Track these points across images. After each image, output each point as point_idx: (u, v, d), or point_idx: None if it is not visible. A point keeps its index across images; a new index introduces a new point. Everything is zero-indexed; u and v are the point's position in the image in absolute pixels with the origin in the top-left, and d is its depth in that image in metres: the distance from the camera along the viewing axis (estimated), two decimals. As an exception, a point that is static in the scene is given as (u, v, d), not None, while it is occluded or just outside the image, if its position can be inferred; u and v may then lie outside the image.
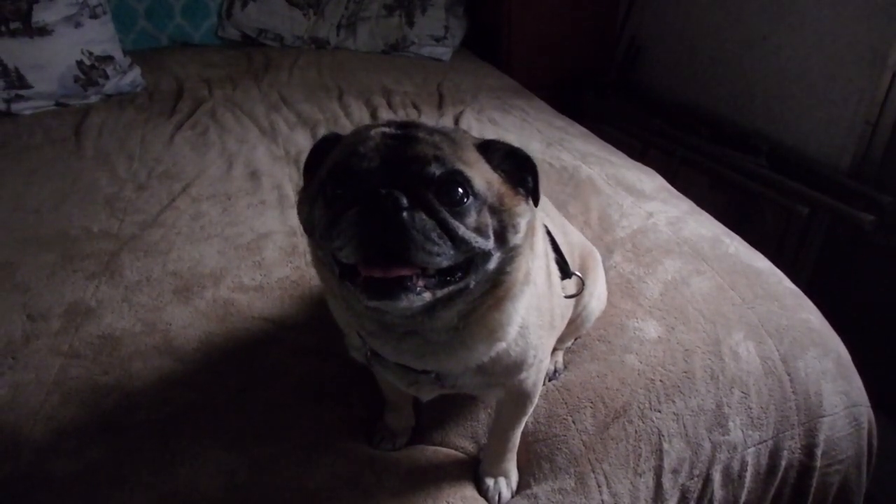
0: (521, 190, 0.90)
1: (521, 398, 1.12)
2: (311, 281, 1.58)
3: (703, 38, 3.12)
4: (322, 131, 2.38)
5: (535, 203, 0.91)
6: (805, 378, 1.42)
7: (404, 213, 0.75)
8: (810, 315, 1.57)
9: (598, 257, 1.47)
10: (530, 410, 1.16)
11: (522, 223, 0.86)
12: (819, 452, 1.40)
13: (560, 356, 1.41)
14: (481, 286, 0.87)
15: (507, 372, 1.02)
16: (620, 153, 2.37)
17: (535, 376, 1.09)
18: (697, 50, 3.14)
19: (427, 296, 0.79)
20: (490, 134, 2.40)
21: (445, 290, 0.81)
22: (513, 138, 2.33)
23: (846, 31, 2.45)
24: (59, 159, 2.14)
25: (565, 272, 1.15)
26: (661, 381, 1.33)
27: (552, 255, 1.13)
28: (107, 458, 1.14)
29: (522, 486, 1.22)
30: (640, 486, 1.22)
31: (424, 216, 0.77)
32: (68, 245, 1.69)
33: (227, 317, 1.47)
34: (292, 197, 1.96)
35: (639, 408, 1.29)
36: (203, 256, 1.66)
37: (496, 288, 0.89)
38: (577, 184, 2.06)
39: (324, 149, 0.92)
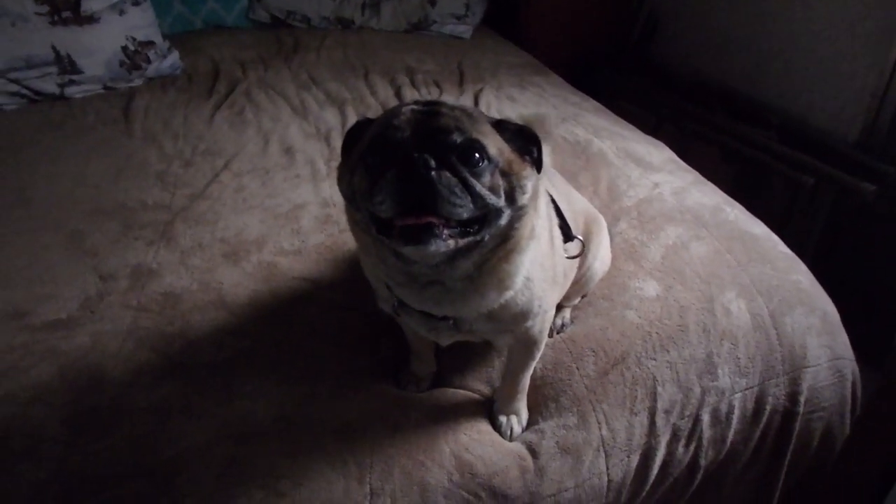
0: (528, 158, 1.05)
1: (528, 344, 1.28)
2: (343, 246, 1.75)
3: (718, 13, 3.21)
4: (349, 109, 2.54)
5: (539, 170, 1.07)
6: (791, 332, 1.57)
7: (433, 173, 0.91)
8: (801, 276, 1.70)
9: (603, 223, 1.62)
10: (537, 356, 1.32)
11: (529, 185, 1.02)
12: (802, 399, 1.54)
13: (567, 312, 1.57)
14: (494, 239, 1.03)
15: (515, 319, 1.18)
16: (632, 127, 2.49)
17: (540, 324, 1.25)
18: (712, 25, 3.23)
19: (451, 243, 0.95)
20: (508, 110, 2.55)
21: (465, 241, 0.98)
22: (529, 114, 2.49)
23: (857, 5, 2.54)
24: (111, 138, 2.31)
25: (567, 235, 1.31)
26: (657, 333, 1.49)
27: (555, 220, 1.28)
28: (176, 392, 1.33)
29: (531, 423, 1.39)
30: (635, 424, 1.39)
31: (449, 175, 0.92)
32: (128, 215, 1.87)
33: (270, 277, 1.65)
34: (324, 171, 2.13)
35: (636, 356, 1.45)
36: (247, 225, 1.84)
37: (506, 242, 1.05)
38: (589, 156, 2.19)
39: (357, 131, 1.08)
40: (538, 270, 1.16)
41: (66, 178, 2.05)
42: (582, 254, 1.37)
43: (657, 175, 2.07)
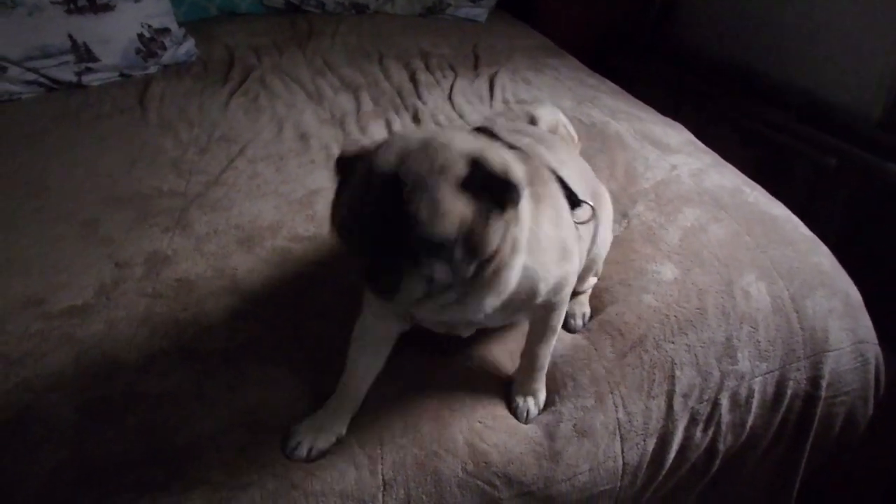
0: (499, 208, 1.03)
1: (546, 312, 1.28)
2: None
3: (736, -8, 3.16)
4: (364, 95, 2.53)
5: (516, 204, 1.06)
6: (812, 315, 1.54)
7: (393, 275, 0.99)
8: (822, 259, 1.67)
9: (606, 197, 1.60)
10: (557, 327, 1.31)
11: (495, 239, 1.03)
12: (824, 384, 1.52)
13: (586, 307, 1.54)
14: (465, 281, 1.06)
15: (524, 302, 1.19)
16: (649, 109, 2.46)
17: (552, 296, 1.24)
18: (731, 4, 3.17)
19: (418, 293, 1.02)
20: (524, 93, 2.53)
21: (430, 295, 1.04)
22: (545, 97, 2.47)
23: (880, -17, 2.48)
24: (127, 126, 2.32)
25: (574, 203, 1.28)
26: (675, 316, 1.46)
27: (560, 193, 1.26)
28: (190, 379, 1.33)
29: (549, 403, 1.37)
30: (652, 408, 1.37)
31: (412, 269, 0.99)
32: (143, 203, 1.87)
33: (284, 263, 1.64)
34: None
35: (654, 339, 1.43)
36: (261, 211, 1.83)
37: (482, 271, 1.06)
38: (605, 139, 2.16)
39: (343, 166, 1.09)
40: (536, 257, 1.15)
41: (81, 167, 2.05)
42: (593, 217, 1.35)
43: (675, 157, 2.04)
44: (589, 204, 1.32)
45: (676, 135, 2.22)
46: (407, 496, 1.22)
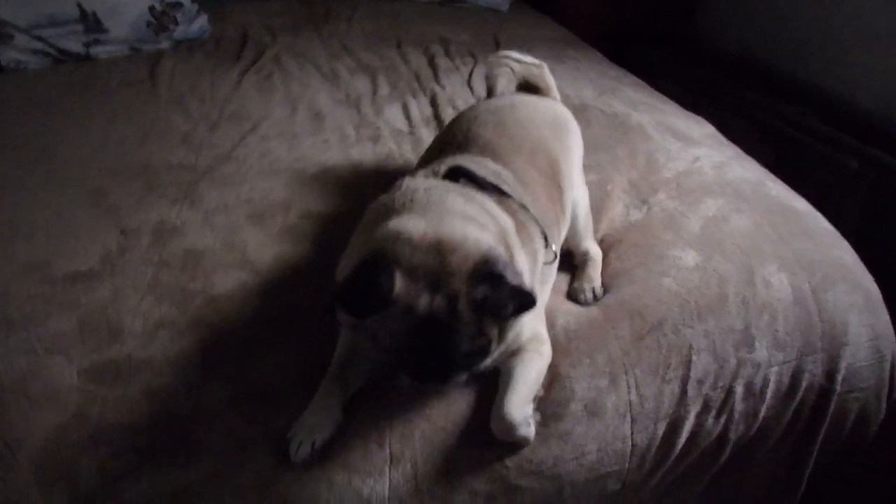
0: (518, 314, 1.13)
1: (522, 356, 1.28)
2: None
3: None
4: (381, 78, 2.50)
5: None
6: (832, 308, 1.50)
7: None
8: (844, 253, 1.63)
9: (574, 128, 1.71)
10: (537, 366, 1.28)
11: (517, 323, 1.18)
12: (840, 378, 1.48)
13: (595, 280, 1.53)
14: None
15: (507, 354, 1.25)
16: (671, 102, 2.42)
17: (527, 342, 1.29)
18: (754, 0, 3.14)
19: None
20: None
21: None
22: (566, 87, 2.43)
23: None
24: (137, 100, 2.30)
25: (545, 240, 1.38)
26: (695, 301, 1.43)
27: (538, 236, 1.36)
28: (195, 349, 1.30)
29: (561, 377, 1.32)
30: (665, 392, 1.34)
31: (459, 373, 1.14)
32: (152, 175, 1.84)
33: (296, 239, 1.62)
34: (353, 137, 2.11)
35: (673, 323, 1.39)
36: (273, 187, 1.81)
37: None
38: (626, 130, 2.12)
39: (368, 277, 1.08)
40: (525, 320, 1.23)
41: (90, 139, 2.03)
42: (555, 260, 1.44)
43: (697, 149, 2.01)
44: (553, 251, 1.41)
45: (699, 128, 2.19)
46: (414, 470, 1.19)
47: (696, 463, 1.42)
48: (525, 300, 1.08)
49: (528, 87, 1.86)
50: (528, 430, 1.22)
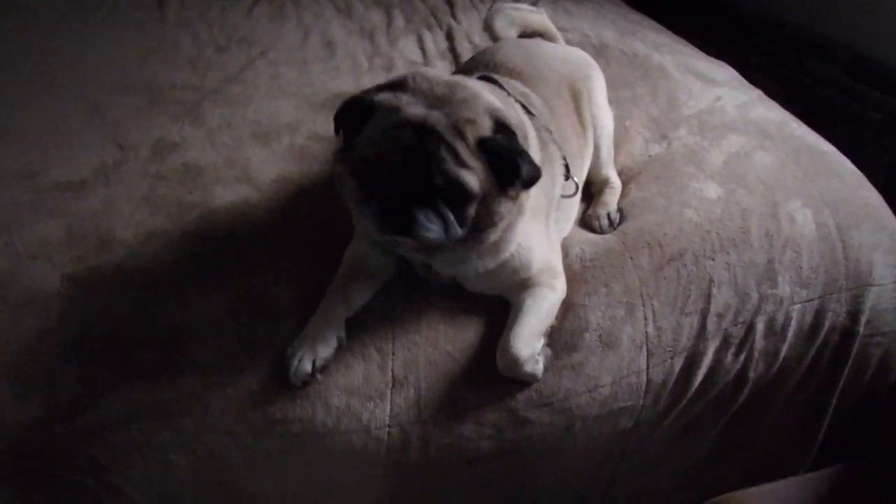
0: (511, 189, 1.06)
1: (531, 289, 1.22)
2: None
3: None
4: (397, 12, 2.43)
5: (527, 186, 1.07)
6: (858, 247, 1.44)
7: (414, 213, 1.01)
8: (870, 194, 1.57)
9: (595, 66, 1.67)
10: (549, 301, 1.22)
11: (507, 208, 1.07)
12: (863, 319, 1.42)
13: (611, 206, 1.48)
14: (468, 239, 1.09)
15: (511, 279, 1.20)
16: (693, 46, 2.34)
17: (539, 277, 1.22)
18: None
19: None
20: (563, 22, 2.40)
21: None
22: (585, 27, 2.34)
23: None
24: (143, 22, 2.24)
25: (566, 174, 1.34)
26: (717, 233, 1.37)
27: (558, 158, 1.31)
28: (190, 262, 1.26)
29: (576, 305, 1.27)
30: (684, 325, 1.28)
31: (428, 212, 1.02)
32: (154, 93, 1.79)
33: (302, 159, 1.57)
34: (365, 66, 2.05)
35: (693, 254, 1.33)
36: (280, 109, 1.76)
37: (487, 234, 1.10)
38: (647, 69, 2.05)
39: (352, 112, 1.07)
40: (532, 238, 1.19)
41: (92, 56, 1.98)
42: (576, 193, 1.38)
43: (719, 89, 1.94)
44: (575, 182, 1.35)
45: (721, 71, 2.11)
46: (417, 396, 1.15)
47: (712, 403, 1.37)
48: (534, 170, 1.04)
49: (531, 35, 1.82)
50: (536, 366, 1.17)
